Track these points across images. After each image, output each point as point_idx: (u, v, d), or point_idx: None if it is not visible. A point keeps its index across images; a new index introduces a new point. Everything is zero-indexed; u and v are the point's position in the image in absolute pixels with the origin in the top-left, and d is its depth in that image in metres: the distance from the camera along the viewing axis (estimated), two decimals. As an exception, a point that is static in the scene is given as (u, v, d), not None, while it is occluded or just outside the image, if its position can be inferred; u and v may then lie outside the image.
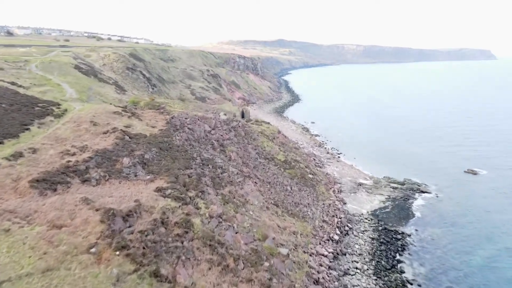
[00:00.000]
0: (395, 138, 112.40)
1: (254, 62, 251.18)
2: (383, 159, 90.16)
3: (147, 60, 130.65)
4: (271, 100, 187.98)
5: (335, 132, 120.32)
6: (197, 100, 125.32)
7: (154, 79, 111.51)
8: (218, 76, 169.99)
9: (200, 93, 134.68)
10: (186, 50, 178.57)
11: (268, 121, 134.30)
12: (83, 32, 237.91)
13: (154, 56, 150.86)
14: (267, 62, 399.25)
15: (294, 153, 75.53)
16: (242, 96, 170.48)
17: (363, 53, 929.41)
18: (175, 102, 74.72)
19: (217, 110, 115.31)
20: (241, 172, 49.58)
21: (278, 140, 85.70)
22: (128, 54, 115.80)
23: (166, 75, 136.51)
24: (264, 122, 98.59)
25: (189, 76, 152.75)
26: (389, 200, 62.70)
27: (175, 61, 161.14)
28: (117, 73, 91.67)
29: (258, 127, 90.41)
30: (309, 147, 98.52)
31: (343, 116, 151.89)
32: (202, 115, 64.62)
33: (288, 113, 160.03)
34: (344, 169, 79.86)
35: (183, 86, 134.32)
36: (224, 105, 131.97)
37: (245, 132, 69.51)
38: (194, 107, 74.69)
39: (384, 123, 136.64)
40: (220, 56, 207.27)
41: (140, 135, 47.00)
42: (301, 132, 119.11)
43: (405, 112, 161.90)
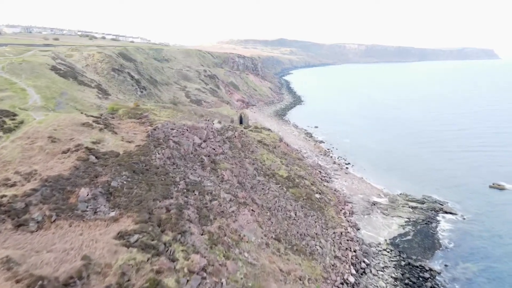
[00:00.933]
0: (406, 144, 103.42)
1: (254, 62, 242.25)
2: (396, 170, 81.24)
3: (139, 60, 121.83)
4: (272, 102, 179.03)
5: (341, 138, 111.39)
6: (192, 104, 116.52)
7: (145, 80, 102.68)
8: (216, 76, 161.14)
9: (196, 96, 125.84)
10: (182, 50, 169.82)
11: (269, 126, 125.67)
12: (76, 30, 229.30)
13: (148, 56, 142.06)
14: (267, 62, 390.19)
15: (297, 166, 66.64)
16: (241, 98, 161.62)
17: (365, 52, 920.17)
18: (163, 109, 65.86)
19: (213, 115, 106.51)
20: (235, 198, 40.72)
21: (279, 149, 76.92)
22: (117, 53, 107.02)
23: (160, 76, 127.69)
24: (264, 128, 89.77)
25: (184, 77, 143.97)
26: (409, 224, 53.78)
27: (170, 61, 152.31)
28: (101, 74, 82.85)
29: (258, 134, 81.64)
30: (314, 156, 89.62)
31: (348, 120, 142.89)
32: (192, 124, 55.79)
33: (289, 116, 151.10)
34: (354, 183, 70.94)
35: (177, 88, 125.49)
36: (222, 109, 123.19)
37: (242, 144, 60.68)
38: (184, 114, 65.82)
39: (392, 127, 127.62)
40: (218, 56, 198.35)
41: (110, 153, 38.17)
42: (304, 138, 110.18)
43: (413, 115, 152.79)
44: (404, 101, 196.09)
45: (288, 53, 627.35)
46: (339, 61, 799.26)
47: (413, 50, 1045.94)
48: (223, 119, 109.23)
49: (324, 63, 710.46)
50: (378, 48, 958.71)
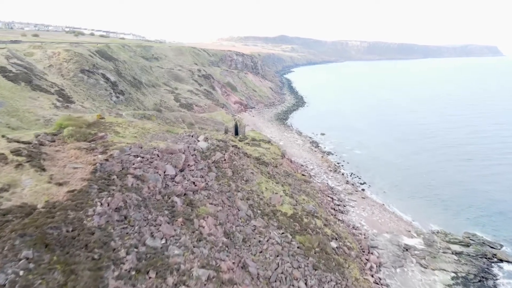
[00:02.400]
0: (428, 156, 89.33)
1: (254, 60, 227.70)
2: (422, 191, 67.22)
3: (122, 59, 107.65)
4: (272, 104, 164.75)
5: (351, 148, 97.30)
6: (182, 109, 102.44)
7: (126, 83, 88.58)
8: (211, 76, 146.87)
9: (187, 99, 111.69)
10: (174, 47, 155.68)
11: (269, 133, 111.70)
12: (64, 26, 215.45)
13: (134, 54, 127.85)
14: (268, 60, 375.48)
15: (305, 195, 52.63)
16: (239, 100, 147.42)
17: (367, 49, 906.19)
18: (134, 122, 51.89)
19: (205, 122, 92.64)
20: (216, 273, 26.74)
21: (282, 169, 62.98)
22: (94, 51, 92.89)
23: (146, 77, 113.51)
24: (264, 141, 75.72)
25: (175, 78, 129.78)
26: (459, 283, 39.80)
27: (160, 59, 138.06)
28: (67, 77, 68.76)
29: (255, 150, 67.65)
30: (322, 173, 75.57)
31: (357, 125, 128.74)
32: (165, 147, 41.72)
33: (292, 120, 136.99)
34: (375, 212, 56.91)
35: (166, 91, 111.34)
36: (216, 113, 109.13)
37: (234, 169, 46.61)
38: (161, 129, 51.82)
39: (408, 134, 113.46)
40: (214, 54, 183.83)
41: (17, 210, 24.14)
42: (309, 148, 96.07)
43: (430, 119, 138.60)
44: (416, 102, 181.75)
45: (289, 50, 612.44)
46: (341, 58, 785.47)
47: (416, 47, 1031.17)
48: (216, 126, 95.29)
49: (326, 60, 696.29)
50: (380, 45, 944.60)
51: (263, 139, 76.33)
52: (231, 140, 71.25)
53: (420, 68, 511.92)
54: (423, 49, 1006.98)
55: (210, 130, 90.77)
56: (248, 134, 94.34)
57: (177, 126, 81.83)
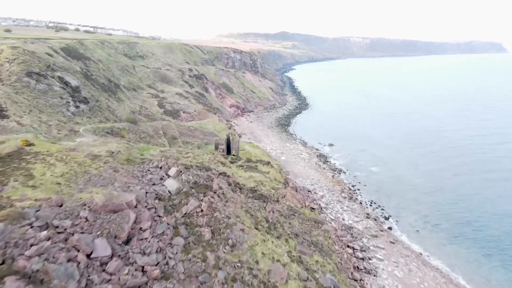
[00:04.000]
0: (455, 173, 74.00)
1: (253, 57, 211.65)
2: (465, 230, 51.97)
3: (97, 58, 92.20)
4: (273, 107, 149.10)
5: (365, 164, 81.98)
6: (166, 116, 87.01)
7: (95, 87, 73.16)
8: (204, 77, 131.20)
9: (174, 104, 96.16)
10: (163, 44, 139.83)
11: (269, 143, 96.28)
12: (48, 21, 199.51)
13: (115, 52, 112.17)
14: (268, 57, 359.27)
15: (317, 250, 37.39)
16: (236, 103, 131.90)
17: (370, 46, 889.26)
18: (72, 154, 36.44)
19: (192, 133, 77.38)
20: None
21: (284, 204, 47.80)
22: (59, 48, 77.47)
23: (127, 78, 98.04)
24: (262, 161, 60.25)
25: (163, 78, 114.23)
26: None
27: (146, 57, 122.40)
28: (7, 82, 53.32)
29: (250, 176, 52.27)
30: (335, 202, 60.25)
31: (367, 132, 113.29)
32: (104, 200, 26.39)
33: (295, 126, 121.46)
34: (412, 269, 41.67)
35: (149, 94, 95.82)
36: (207, 122, 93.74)
37: (215, 228, 31.18)
38: (110, 165, 36.45)
39: (426, 144, 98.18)
40: (209, 51, 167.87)
41: None
42: (316, 164, 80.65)
43: (444, 123, 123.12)
44: (427, 103, 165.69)
45: (290, 47, 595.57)
46: (343, 55, 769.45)
47: (419, 43, 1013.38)
48: (205, 139, 79.91)
49: (328, 57, 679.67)
50: (383, 41, 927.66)
51: (260, 159, 60.86)
52: (220, 163, 56.10)
53: (425, 65, 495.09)
54: (426, 45, 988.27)
55: (196, 145, 75.42)
56: (243, 148, 79.01)
57: (154, 142, 66.42)
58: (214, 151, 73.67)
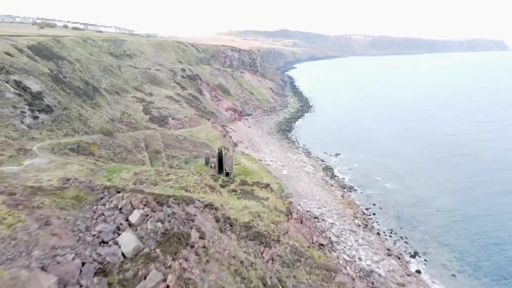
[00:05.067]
0: (492, 191, 63.77)
1: (252, 56, 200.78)
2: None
3: (75, 57, 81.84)
4: (273, 109, 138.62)
5: (378, 178, 71.72)
6: (151, 124, 76.64)
7: (65, 92, 62.80)
8: (199, 77, 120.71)
9: (162, 109, 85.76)
10: (154, 41, 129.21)
11: (269, 152, 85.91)
12: (35, 18, 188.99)
13: (99, 50, 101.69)
14: (268, 55, 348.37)
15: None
16: (232, 106, 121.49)
17: (372, 44, 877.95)
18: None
19: (180, 143, 67.23)
20: None
21: (287, 244, 37.60)
22: (26, 47, 67.14)
23: (110, 80, 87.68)
24: (259, 184, 49.93)
25: (152, 80, 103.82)
26: None
27: (134, 56, 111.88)
28: None
29: (245, 208, 41.84)
30: (348, 232, 49.91)
31: (376, 138, 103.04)
32: None
33: (297, 131, 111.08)
34: None
35: (134, 98, 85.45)
36: (199, 129, 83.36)
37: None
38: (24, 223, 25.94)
39: (442, 152, 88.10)
40: (205, 49, 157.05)
41: None
42: (323, 180, 70.28)
43: (456, 127, 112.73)
44: (435, 104, 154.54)
45: (291, 45, 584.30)
46: (344, 53, 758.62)
47: (421, 41, 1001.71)
48: (195, 151, 69.54)
49: (329, 55, 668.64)
50: (385, 39, 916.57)
51: (258, 181, 50.48)
52: (208, 188, 46.05)
53: (429, 64, 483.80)
54: (428, 43, 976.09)
55: (184, 159, 65.01)
56: (239, 162, 68.77)
57: (132, 158, 56.01)
58: (204, 167, 63.49)
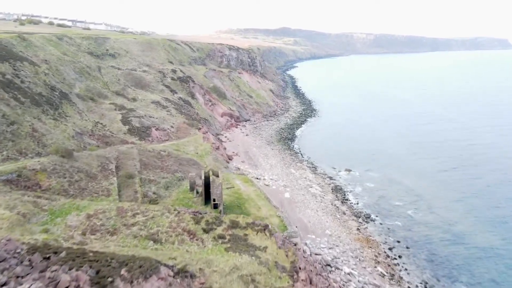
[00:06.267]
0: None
1: (252, 55, 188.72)
2: None
3: (42, 58, 70.14)
4: (273, 114, 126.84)
5: (399, 204, 60.08)
6: (130, 136, 64.91)
7: (21, 101, 51.25)
8: (191, 79, 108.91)
9: (144, 118, 73.96)
10: (142, 40, 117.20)
11: (268, 167, 74.20)
12: (20, 14, 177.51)
13: (77, 49, 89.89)
14: (269, 54, 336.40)
15: None
16: (228, 111, 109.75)
17: (374, 42, 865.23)
18: None
19: (164, 161, 55.79)
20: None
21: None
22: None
23: (86, 84, 76.00)
24: (255, 226, 38.13)
25: (137, 83, 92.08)
26: None
27: (118, 56, 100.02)
28: None
29: (234, 268, 30.07)
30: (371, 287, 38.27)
31: (389, 148, 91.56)
32: None
33: (300, 140, 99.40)
34: None
35: (112, 106, 73.68)
36: (187, 141, 71.61)
37: None
38: None
39: (469, 166, 76.77)
40: (200, 48, 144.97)
41: None
42: (333, 206, 58.60)
43: (480, 135, 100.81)
44: (447, 106, 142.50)
45: (292, 43, 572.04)
46: (346, 51, 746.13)
47: (424, 39, 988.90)
48: (179, 171, 57.82)
49: (331, 54, 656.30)
50: (387, 37, 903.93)
51: (253, 221, 38.65)
52: (186, 234, 34.86)
53: (433, 62, 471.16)
54: (431, 42, 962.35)
55: (164, 183, 53.34)
56: (231, 185, 57.20)
57: (94, 188, 44.26)
58: (188, 195, 51.77)
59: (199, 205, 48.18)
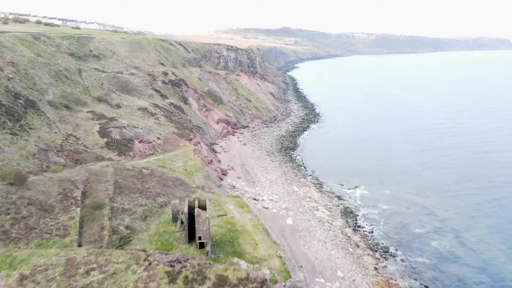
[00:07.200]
0: None
1: (251, 56, 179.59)
2: None
3: (8, 60, 61.29)
4: (274, 119, 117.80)
5: (421, 232, 51.24)
6: (107, 151, 55.99)
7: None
8: (184, 82, 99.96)
9: (127, 128, 64.98)
10: (131, 39, 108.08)
11: (268, 184, 65.31)
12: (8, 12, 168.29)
13: (56, 50, 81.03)
14: (269, 54, 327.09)
15: None
16: (225, 117, 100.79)
17: (375, 42, 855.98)
18: None
19: (145, 182, 46.92)
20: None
21: None
22: None
23: (61, 89, 67.18)
24: (248, 279, 29.15)
25: (123, 87, 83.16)
26: None
27: (103, 58, 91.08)
28: None
29: None
30: None
31: (401, 158, 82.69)
32: None
33: (303, 150, 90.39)
34: None
35: (90, 114, 64.73)
36: (174, 155, 62.64)
37: None
38: None
39: (496, 184, 67.70)
40: (195, 49, 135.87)
41: None
42: (343, 235, 49.66)
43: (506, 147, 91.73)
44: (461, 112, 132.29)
45: (293, 43, 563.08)
46: (347, 51, 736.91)
47: (426, 39, 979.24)
48: (163, 193, 49.05)
49: (332, 54, 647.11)
50: (389, 37, 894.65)
51: (247, 277, 29.64)
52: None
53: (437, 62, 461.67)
54: (433, 41, 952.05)
55: (141, 212, 44.41)
56: (224, 212, 48.25)
57: (46, 226, 36.13)
58: (170, 228, 42.84)
59: (182, 243, 39.38)
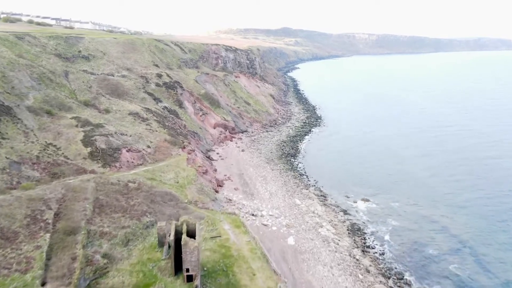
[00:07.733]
0: None
1: (251, 56, 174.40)
2: None
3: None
4: (274, 123, 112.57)
5: (440, 255, 46.23)
6: (91, 163, 50.79)
7: None
8: (179, 85, 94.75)
9: (114, 136, 59.81)
10: (124, 39, 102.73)
11: (267, 197, 59.91)
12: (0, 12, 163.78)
13: (41, 51, 75.83)
14: (269, 55, 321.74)
15: None
16: (222, 122, 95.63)
17: (376, 42, 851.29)
18: None
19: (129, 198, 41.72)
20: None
21: None
22: None
23: (44, 94, 62.03)
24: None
25: (113, 90, 77.99)
26: None
27: (93, 59, 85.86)
28: None
29: None
30: None
31: (410, 165, 77.62)
32: None
33: (305, 156, 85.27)
34: None
35: (73, 121, 59.56)
36: (165, 165, 57.52)
37: None
38: None
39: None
40: (192, 49, 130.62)
41: None
42: (351, 258, 44.48)
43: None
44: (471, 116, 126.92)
45: (293, 43, 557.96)
46: (348, 52, 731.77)
47: (427, 40, 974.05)
48: (149, 212, 43.65)
49: (333, 54, 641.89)
50: (389, 38, 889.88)
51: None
52: None
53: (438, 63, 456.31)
54: (434, 42, 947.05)
55: (122, 236, 39.30)
56: (218, 233, 43.06)
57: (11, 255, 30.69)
58: (155, 254, 37.70)
59: (167, 275, 34.24)
